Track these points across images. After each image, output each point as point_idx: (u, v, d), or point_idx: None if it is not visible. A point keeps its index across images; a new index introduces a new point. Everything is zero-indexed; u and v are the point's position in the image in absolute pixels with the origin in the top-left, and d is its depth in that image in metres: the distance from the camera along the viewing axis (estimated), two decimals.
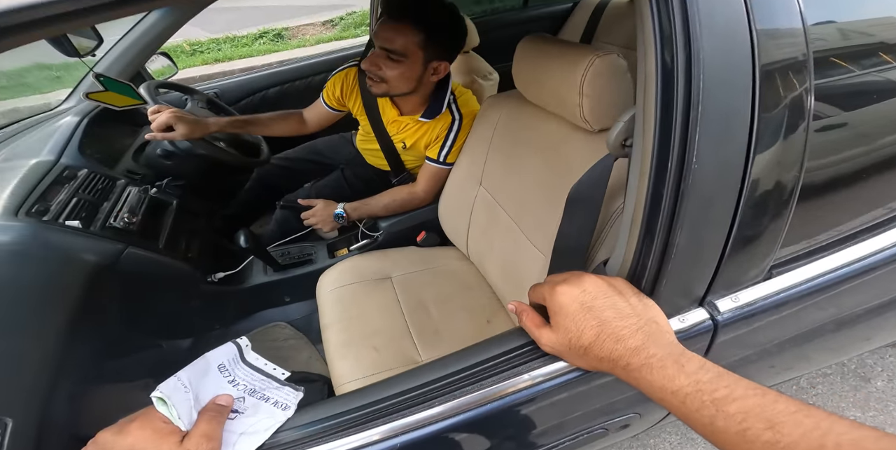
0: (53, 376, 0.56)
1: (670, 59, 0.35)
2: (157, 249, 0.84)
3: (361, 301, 0.92)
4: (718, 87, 0.35)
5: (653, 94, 0.37)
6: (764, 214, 0.42)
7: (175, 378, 0.39)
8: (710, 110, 0.35)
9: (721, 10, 0.34)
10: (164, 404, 0.37)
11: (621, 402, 0.53)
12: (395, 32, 0.85)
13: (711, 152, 0.37)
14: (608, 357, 0.36)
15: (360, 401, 0.45)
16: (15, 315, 0.59)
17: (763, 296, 0.48)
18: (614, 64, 0.60)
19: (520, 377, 0.44)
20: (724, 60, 0.35)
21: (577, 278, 0.40)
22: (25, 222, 0.69)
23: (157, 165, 1.03)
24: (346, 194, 1.16)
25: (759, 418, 0.29)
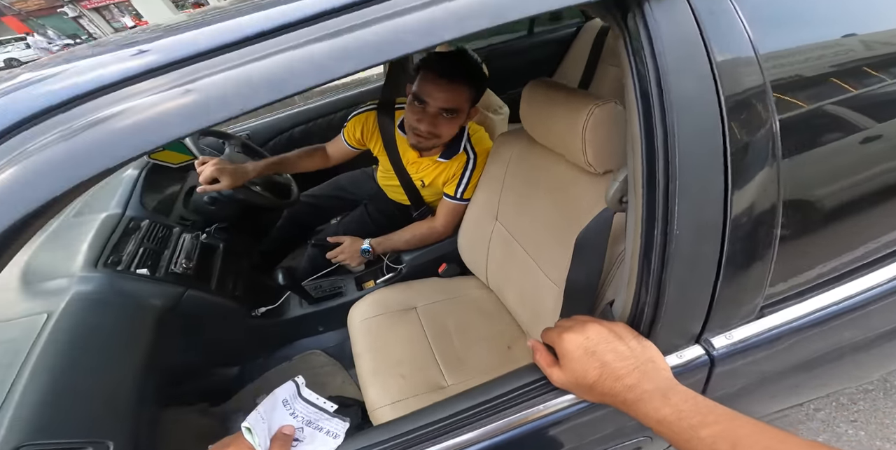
0: (137, 403, 0.66)
1: (651, 128, 0.40)
2: (210, 289, 0.95)
3: (389, 331, 0.99)
4: (692, 160, 0.39)
5: (639, 164, 0.42)
6: (746, 266, 0.47)
7: (256, 412, 0.48)
8: (686, 182, 0.40)
9: (694, 93, 0.39)
10: (250, 433, 0.46)
11: (631, 427, 0.57)
12: (451, 93, 0.91)
13: (691, 219, 0.42)
14: (609, 393, 0.43)
15: (395, 431, 0.51)
16: (102, 355, 0.70)
17: (755, 333, 0.52)
18: (612, 112, 0.64)
19: (536, 408, 0.49)
20: (696, 133, 0.39)
21: (581, 326, 0.47)
22: (104, 273, 0.81)
23: (204, 211, 1.15)
24: (369, 229, 1.25)
25: (725, 441, 0.35)
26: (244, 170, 1.06)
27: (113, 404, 0.63)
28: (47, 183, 0.28)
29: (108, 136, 0.29)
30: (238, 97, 0.31)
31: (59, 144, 0.29)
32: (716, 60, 0.39)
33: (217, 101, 0.30)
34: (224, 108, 0.30)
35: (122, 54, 0.33)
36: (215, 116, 0.31)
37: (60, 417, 0.56)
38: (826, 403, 1.15)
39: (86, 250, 0.85)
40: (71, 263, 0.82)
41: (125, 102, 0.30)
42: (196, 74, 0.31)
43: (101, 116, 0.29)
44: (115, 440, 0.56)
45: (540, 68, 2.10)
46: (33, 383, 0.58)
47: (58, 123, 0.29)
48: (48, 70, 0.34)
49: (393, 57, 0.33)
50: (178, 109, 0.30)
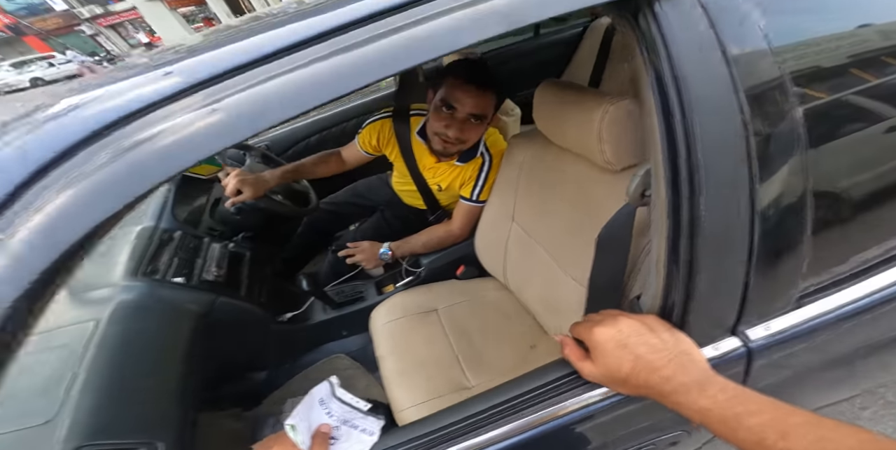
0: (179, 407, 0.70)
1: (672, 126, 0.41)
2: (239, 296, 0.99)
3: (411, 333, 1.02)
4: (715, 151, 0.40)
5: (661, 160, 0.43)
6: (779, 251, 0.46)
7: (297, 411, 0.51)
8: (712, 173, 0.40)
9: (711, 88, 0.39)
10: (294, 431, 0.49)
11: (666, 420, 0.57)
12: (480, 98, 0.94)
13: (718, 209, 0.42)
14: (645, 385, 0.43)
15: (421, 430, 0.53)
16: (146, 358, 0.74)
17: (793, 324, 0.52)
18: (627, 110, 0.65)
19: (565, 403, 0.50)
20: (718, 126, 0.40)
21: (612, 319, 0.47)
22: (144, 282, 0.86)
23: (230, 221, 1.20)
24: (386, 234, 1.28)
25: (774, 430, 0.35)
26: (264, 179, 1.09)
27: (161, 407, 0.67)
28: (104, 202, 0.31)
29: (153, 155, 0.31)
30: (261, 113, 0.32)
31: (111, 165, 0.31)
32: (730, 54, 0.39)
33: (241, 118, 0.32)
34: (249, 125, 0.32)
35: (151, 76, 0.35)
36: (242, 133, 0.33)
37: (114, 418, 0.60)
38: (872, 400, 1.13)
39: (126, 261, 0.90)
40: (112, 273, 0.87)
41: (162, 123, 0.32)
42: (220, 94, 0.33)
43: (144, 136, 0.32)
44: (164, 442, 0.59)
45: (548, 69, 2.11)
46: (88, 387, 0.62)
47: (105, 145, 0.31)
48: (86, 94, 0.36)
49: (409, 66, 0.34)
50: (208, 128, 0.32)
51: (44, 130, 0.33)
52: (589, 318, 0.51)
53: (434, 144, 1.05)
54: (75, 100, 0.36)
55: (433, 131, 1.02)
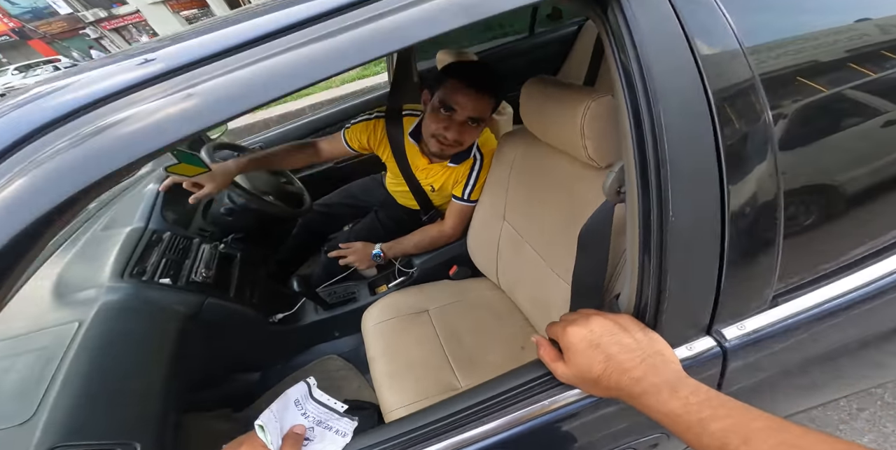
0: (163, 407, 0.69)
1: (639, 121, 0.40)
2: (229, 297, 0.98)
3: (402, 334, 1.01)
4: (681, 145, 0.39)
5: (631, 153, 0.42)
6: (752, 249, 0.46)
7: (269, 411, 0.50)
8: (677, 168, 0.40)
9: (674, 77, 0.39)
10: (263, 431, 0.48)
11: (646, 423, 0.55)
12: (480, 102, 0.94)
13: (685, 204, 0.41)
14: (616, 387, 0.42)
15: (406, 427, 0.52)
16: (130, 359, 0.74)
17: (769, 323, 0.51)
18: (609, 106, 0.64)
19: (542, 403, 0.49)
20: (684, 121, 0.39)
21: (584, 319, 0.46)
22: (130, 283, 0.85)
23: (221, 221, 1.19)
24: (380, 235, 1.28)
25: (736, 435, 0.33)
26: (226, 169, 1.03)
27: (140, 408, 0.67)
28: (56, 189, 0.30)
29: (114, 140, 0.31)
30: (237, 98, 0.33)
31: (68, 151, 0.31)
32: (699, 52, 0.39)
33: (217, 102, 0.32)
34: (225, 109, 0.33)
35: (128, 64, 0.35)
36: (216, 117, 0.33)
37: (91, 419, 0.59)
38: (870, 402, 1.12)
39: (112, 262, 0.90)
40: (99, 274, 0.86)
41: (130, 109, 0.32)
42: (197, 79, 0.33)
43: (108, 122, 0.31)
44: (142, 442, 0.59)
45: (543, 68, 2.11)
46: (66, 388, 0.62)
47: (66, 131, 0.31)
48: (58, 83, 0.36)
49: (380, 55, 0.35)
50: (181, 113, 0.32)
51: (5, 119, 0.33)
52: (564, 317, 0.50)
53: (430, 146, 1.03)
54: (45, 88, 0.36)
55: (430, 133, 1.00)
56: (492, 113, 1.01)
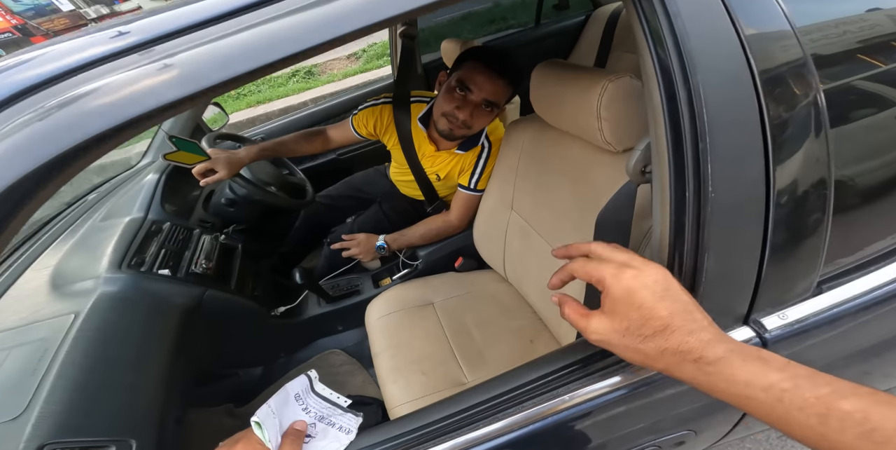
0: (161, 403, 0.67)
1: (673, 92, 0.37)
2: (229, 289, 0.96)
3: (407, 328, 0.99)
4: (722, 116, 0.36)
5: (662, 127, 0.39)
6: (798, 231, 0.42)
7: (266, 406, 0.47)
8: (718, 140, 0.36)
9: (714, 50, 0.36)
10: (259, 428, 0.45)
11: (671, 419, 0.52)
12: (497, 85, 0.92)
13: (727, 180, 0.37)
14: (676, 349, 0.32)
15: (411, 425, 0.50)
16: (127, 352, 0.71)
17: (813, 312, 0.47)
18: (628, 87, 0.62)
19: (561, 398, 0.46)
20: (724, 90, 0.36)
21: (644, 264, 0.36)
22: (128, 274, 0.83)
23: (222, 212, 1.17)
24: (384, 226, 1.25)
25: (888, 419, 0.25)
26: (237, 157, 1.02)
27: (138, 403, 0.64)
28: (19, 163, 0.28)
29: (82, 112, 0.29)
30: (217, 68, 0.31)
31: (32, 125, 0.29)
32: (738, 18, 0.37)
33: (196, 73, 0.31)
34: (204, 79, 0.31)
35: (100, 37, 0.34)
36: (193, 87, 0.31)
37: (85, 415, 0.57)
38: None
39: (110, 253, 0.87)
40: (96, 265, 0.84)
41: (101, 80, 0.30)
42: (174, 50, 0.32)
43: (76, 93, 0.30)
44: (138, 439, 0.56)
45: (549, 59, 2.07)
46: (60, 381, 0.59)
47: (30, 104, 0.30)
48: (26, 55, 0.34)
49: (359, 27, 0.33)
50: (158, 83, 0.30)
51: None
52: (609, 257, 0.38)
53: (438, 125, 1.01)
54: (12, 61, 0.34)
55: (441, 112, 0.98)
56: (506, 102, 0.99)
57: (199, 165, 0.97)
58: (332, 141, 1.22)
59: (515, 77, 0.95)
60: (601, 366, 0.46)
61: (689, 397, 0.49)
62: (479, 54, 0.94)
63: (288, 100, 4.17)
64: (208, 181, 0.98)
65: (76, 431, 0.54)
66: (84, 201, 1.19)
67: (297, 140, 1.18)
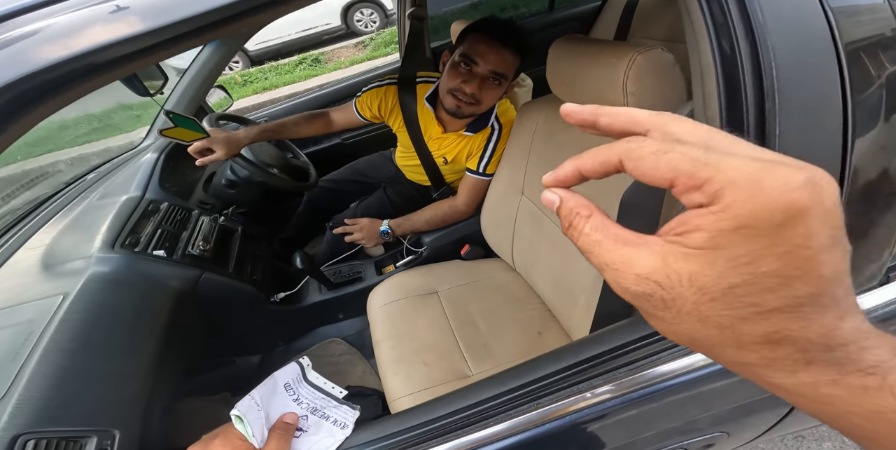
0: (150, 391, 0.63)
1: (730, 48, 0.32)
2: (227, 273, 0.92)
3: (410, 317, 0.95)
4: (795, 74, 0.31)
5: (714, 86, 0.34)
6: (871, 208, 0.37)
7: (249, 397, 0.43)
8: (789, 99, 0.31)
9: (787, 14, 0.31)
10: (241, 421, 0.41)
11: (704, 420, 0.48)
12: (503, 56, 0.88)
13: (797, 143, 0.32)
14: (815, 340, 0.16)
15: (414, 420, 0.46)
16: (116, 337, 0.68)
17: (883, 303, 0.41)
18: (659, 59, 0.57)
19: (581, 395, 0.42)
20: (798, 46, 0.31)
21: (806, 165, 0.15)
22: (121, 254, 0.79)
23: (222, 194, 1.13)
24: (389, 212, 1.21)
25: None
26: (236, 137, 0.98)
27: (124, 391, 0.61)
28: None
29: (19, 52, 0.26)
30: (172, 7, 0.28)
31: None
32: None
33: (150, 12, 0.28)
34: (159, 19, 0.28)
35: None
36: (144, 26, 0.28)
37: (66, 403, 0.53)
38: None
39: (104, 232, 0.84)
40: (89, 244, 0.80)
41: (43, 21, 0.27)
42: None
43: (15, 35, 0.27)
44: (121, 429, 0.53)
45: None
46: (42, 367, 0.56)
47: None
48: None
49: None
50: (106, 25, 0.27)
51: None
52: (673, 134, 0.18)
53: (446, 103, 0.96)
54: None
55: (447, 89, 0.93)
56: (515, 75, 0.94)
57: (197, 144, 0.94)
58: (335, 123, 1.18)
59: (522, 46, 0.89)
60: (629, 360, 0.41)
61: (729, 396, 0.44)
62: (481, 26, 0.89)
63: (294, 87, 4.12)
64: (205, 161, 0.95)
65: (55, 420, 0.50)
66: (83, 181, 1.16)
67: (299, 122, 1.14)
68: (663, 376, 0.40)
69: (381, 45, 4.74)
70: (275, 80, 4.41)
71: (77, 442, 0.50)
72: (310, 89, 3.85)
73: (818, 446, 0.98)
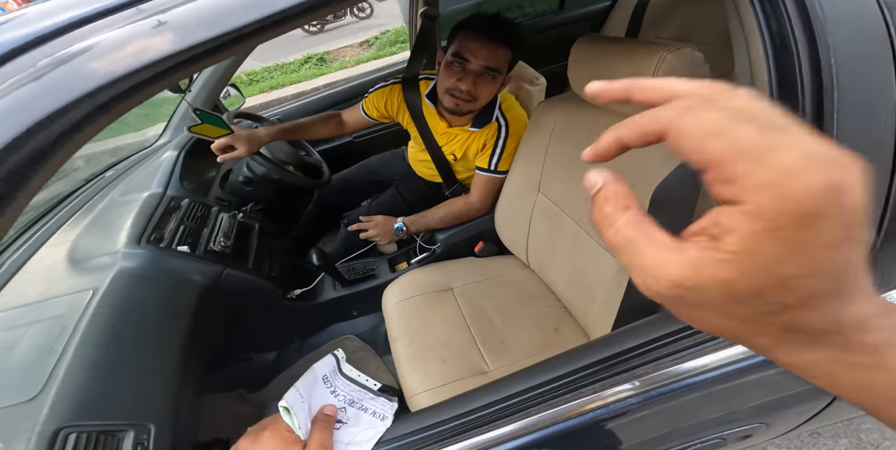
0: (177, 386, 0.64)
1: (782, 43, 0.32)
2: (247, 269, 0.94)
3: (425, 313, 0.96)
4: (853, 71, 0.32)
5: (764, 82, 0.34)
6: None
7: (294, 389, 0.45)
8: (848, 94, 0.32)
9: None
10: (288, 413, 0.42)
11: (744, 412, 0.47)
12: (494, 51, 0.90)
13: (854, 138, 0.33)
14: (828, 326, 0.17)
15: (432, 419, 0.46)
16: (145, 331, 0.69)
17: None
18: (690, 57, 0.57)
19: (607, 391, 0.42)
20: (857, 42, 0.32)
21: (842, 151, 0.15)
22: (147, 250, 0.81)
23: (239, 191, 1.15)
24: (401, 209, 1.22)
25: None
26: (257, 135, 1.01)
27: (155, 385, 0.62)
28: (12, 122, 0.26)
29: (74, 71, 0.27)
30: (210, 23, 0.29)
31: (27, 84, 0.27)
32: None
33: (189, 27, 0.29)
34: (199, 34, 0.29)
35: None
36: (187, 41, 0.29)
37: (102, 397, 0.55)
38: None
39: (129, 228, 0.85)
40: (115, 240, 0.82)
41: (92, 38, 0.29)
42: (165, 5, 0.30)
43: (67, 52, 0.28)
44: (156, 423, 0.54)
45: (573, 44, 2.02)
46: (77, 361, 0.57)
47: (25, 63, 0.28)
48: (13, 15, 0.32)
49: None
50: (151, 40, 0.28)
51: None
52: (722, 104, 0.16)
53: (445, 103, 0.99)
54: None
55: (444, 89, 0.96)
56: (510, 68, 0.96)
57: (220, 140, 0.96)
58: (346, 125, 1.22)
59: (511, 39, 0.91)
60: (664, 353, 0.41)
61: (770, 387, 0.44)
62: (469, 24, 0.91)
63: (300, 86, 4.13)
64: (226, 158, 0.97)
65: (93, 413, 0.51)
66: (101, 178, 1.18)
67: (315, 123, 1.18)
68: (702, 368, 0.40)
69: (387, 44, 4.74)
70: (280, 79, 4.42)
71: (115, 436, 0.51)
72: (316, 88, 3.88)
73: (834, 443, 0.99)
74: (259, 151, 1.05)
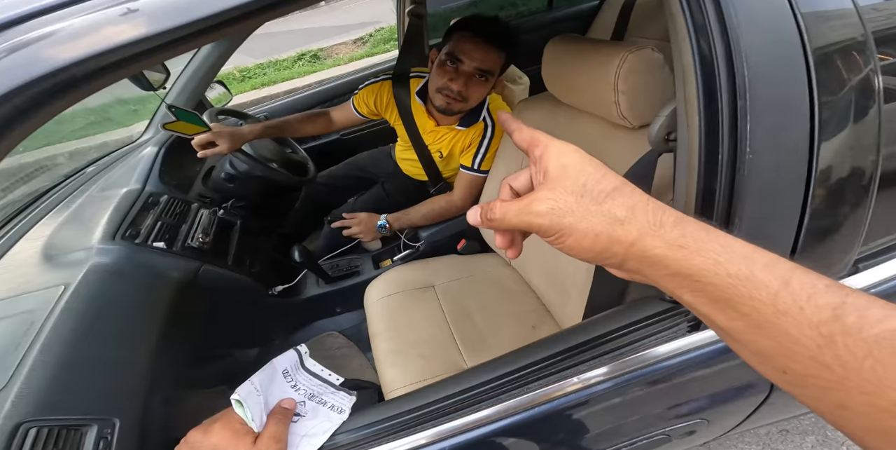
0: (150, 381, 0.64)
1: (707, 49, 0.34)
2: (226, 265, 0.93)
3: (407, 310, 0.96)
4: (765, 74, 0.33)
5: (693, 85, 0.35)
6: (840, 203, 0.39)
7: (249, 382, 0.45)
8: (759, 98, 0.33)
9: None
10: (240, 406, 0.42)
11: (684, 406, 0.49)
12: (488, 53, 0.90)
13: (768, 141, 0.34)
14: (645, 206, 0.24)
15: (408, 405, 0.47)
16: (117, 327, 0.69)
17: None
18: (649, 58, 0.59)
19: (568, 380, 0.43)
20: (769, 48, 0.33)
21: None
22: (122, 245, 0.80)
23: (222, 188, 1.14)
24: (386, 206, 1.22)
25: None
26: (240, 132, 1.01)
27: (124, 380, 0.61)
28: None
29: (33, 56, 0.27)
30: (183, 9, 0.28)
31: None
32: None
33: (159, 15, 0.28)
34: (171, 20, 0.28)
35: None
36: (159, 27, 0.28)
37: (67, 392, 0.54)
38: None
39: (105, 223, 0.84)
40: (90, 235, 0.81)
41: (57, 24, 0.28)
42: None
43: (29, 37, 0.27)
44: (121, 418, 0.54)
45: None
46: (43, 356, 0.56)
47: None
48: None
49: None
50: (118, 28, 0.28)
51: None
52: None
53: (436, 101, 0.98)
54: None
55: (436, 88, 0.95)
56: (503, 71, 0.96)
57: (200, 137, 0.95)
58: (336, 122, 1.21)
59: (506, 43, 0.91)
60: (613, 347, 0.43)
61: (706, 383, 0.46)
62: (466, 25, 0.91)
63: (293, 82, 4.11)
64: (207, 154, 0.97)
65: (56, 408, 0.51)
66: (82, 174, 1.16)
67: (302, 120, 1.17)
68: (646, 361, 0.42)
69: (380, 41, 4.73)
70: (273, 75, 4.39)
71: (78, 430, 0.50)
72: (308, 85, 3.85)
73: (801, 440, 1.01)
74: (241, 147, 1.04)
